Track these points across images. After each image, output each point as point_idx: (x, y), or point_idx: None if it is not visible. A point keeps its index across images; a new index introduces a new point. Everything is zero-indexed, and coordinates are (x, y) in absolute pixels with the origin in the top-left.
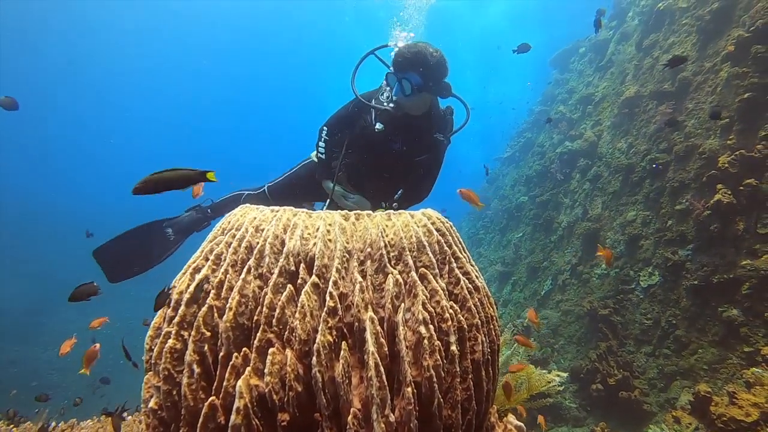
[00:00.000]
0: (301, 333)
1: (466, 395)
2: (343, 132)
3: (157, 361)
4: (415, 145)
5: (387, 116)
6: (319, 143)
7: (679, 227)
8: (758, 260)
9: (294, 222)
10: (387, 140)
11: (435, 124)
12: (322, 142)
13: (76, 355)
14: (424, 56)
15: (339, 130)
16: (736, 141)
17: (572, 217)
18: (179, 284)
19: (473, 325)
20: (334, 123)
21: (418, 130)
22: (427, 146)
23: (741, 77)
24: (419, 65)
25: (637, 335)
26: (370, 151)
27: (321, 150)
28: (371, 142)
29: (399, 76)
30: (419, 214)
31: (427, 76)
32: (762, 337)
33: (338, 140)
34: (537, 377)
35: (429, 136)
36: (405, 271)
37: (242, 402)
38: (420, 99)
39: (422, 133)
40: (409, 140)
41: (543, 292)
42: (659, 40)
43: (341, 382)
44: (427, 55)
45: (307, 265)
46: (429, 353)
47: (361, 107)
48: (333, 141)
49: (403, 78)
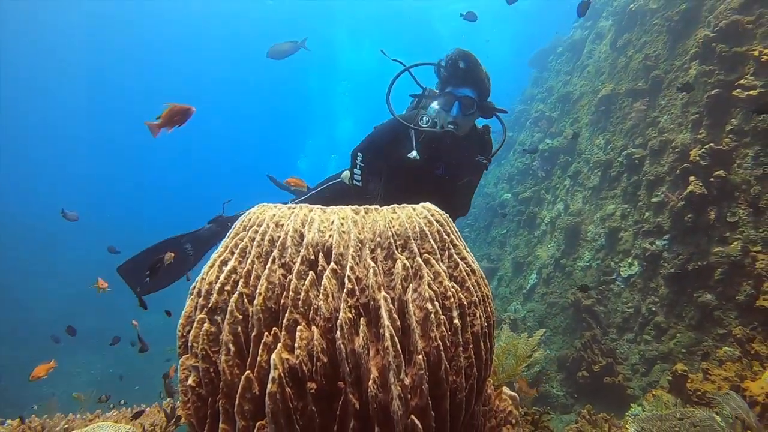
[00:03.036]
0: (325, 312)
1: (468, 363)
2: (379, 157)
3: (194, 344)
4: (457, 169)
5: (432, 139)
6: (354, 170)
7: (656, 219)
8: (728, 247)
9: (311, 217)
10: (430, 165)
11: (476, 145)
12: (358, 169)
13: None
14: (480, 70)
15: (375, 156)
16: (706, 135)
17: (554, 212)
18: (208, 276)
19: (472, 302)
20: (370, 148)
21: (460, 153)
22: (469, 169)
23: (708, 75)
24: (477, 80)
25: (620, 323)
26: (411, 177)
27: (357, 178)
28: (412, 168)
29: (457, 93)
30: (420, 208)
31: (483, 93)
32: (734, 319)
33: (374, 166)
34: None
35: (471, 159)
36: (411, 256)
37: (276, 372)
38: (474, 118)
39: (464, 156)
40: (451, 164)
41: (528, 285)
42: (632, 40)
43: (362, 353)
44: (481, 69)
45: (325, 254)
46: (435, 326)
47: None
48: (369, 167)
49: (462, 96)
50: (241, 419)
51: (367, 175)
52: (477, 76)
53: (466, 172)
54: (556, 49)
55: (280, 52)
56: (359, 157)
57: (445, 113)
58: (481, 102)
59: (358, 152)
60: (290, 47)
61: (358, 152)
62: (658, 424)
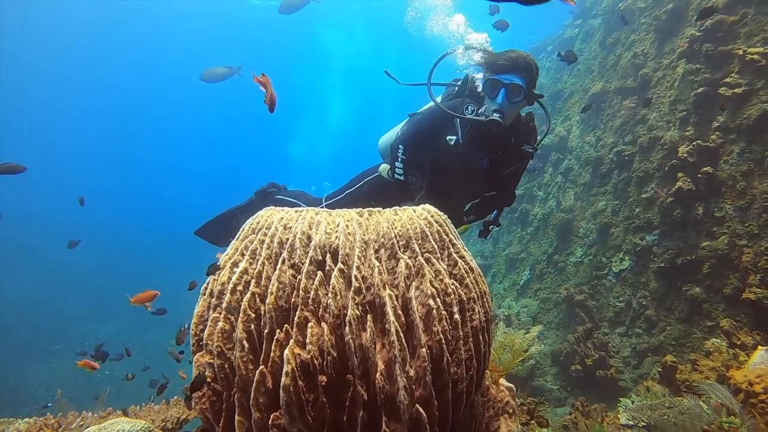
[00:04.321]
0: (334, 309)
1: (468, 355)
2: (421, 149)
3: (208, 342)
4: (502, 159)
5: (477, 128)
6: (395, 164)
7: (646, 214)
8: (716, 241)
9: (318, 220)
10: (474, 156)
11: (521, 133)
12: (399, 162)
13: None
14: (527, 59)
15: (418, 148)
16: (693, 132)
17: (546, 209)
18: (220, 277)
19: (471, 298)
20: (411, 140)
21: (506, 142)
22: (515, 158)
23: (695, 73)
24: (524, 68)
25: (611, 317)
26: (455, 168)
27: (399, 172)
28: (456, 159)
29: (504, 80)
30: (420, 209)
31: (531, 81)
32: (721, 311)
33: (417, 158)
34: (520, 341)
35: (517, 148)
36: (413, 256)
37: (290, 367)
38: (521, 106)
39: (510, 145)
40: (496, 154)
41: (522, 282)
42: (621, 38)
43: (369, 347)
44: (528, 58)
45: (333, 255)
46: (437, 321)
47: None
48: (411, 160)
49: (509, 83)
50: (257, 411)
51: (410, 168)
52: (525, 62)
53: (512, 162)
54: (546, 47)
55: (214, 76)
56: (400, 149)
57: (491, 101)
58: (529, 89)
59: (400, 145)
60: (224, 72)
61: (400, 145)
62: (648, 413)
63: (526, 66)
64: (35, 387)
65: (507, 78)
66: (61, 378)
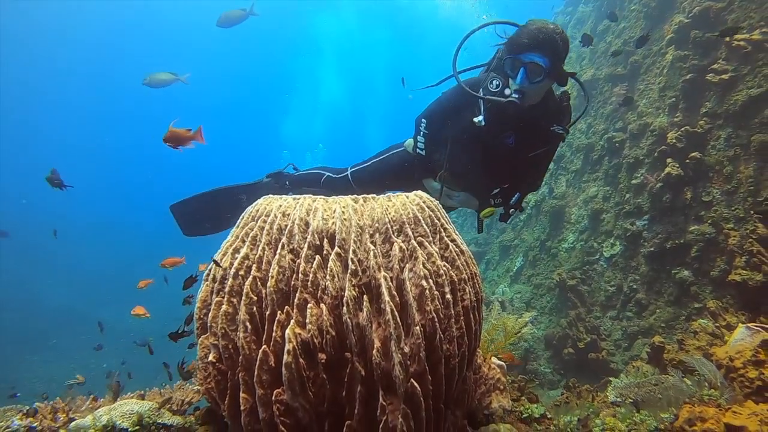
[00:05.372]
0: (332, 291)
1: (460, 333)
2: (445, 125)
3: (212, 324)
4: (529, 139)
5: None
6: (417, 137)
7: (636, 200)
8: (703, 225)
9: (315, 206)
10: (498, 135)
11: (551, 114)
12: (422, 136)
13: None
14: (551, 34)
15: (441, 124)
16: (682, 118)
17: (539, 195)
18: (222, 262)
19: (462, 279)
20: (434, 115)
21: (534, 122)
22: (544, 140)
23: (683, 59)
24: (548, 45)
25: (603, 301)
26: (479, 147)
27: (420, 145)
28: (480, 138)
29: (524, 59)
30: (413, 195)
31: (555, 59)
32: (709, 293)
33: (440, 134)
34: (512, 323)
35: (546, 128)
36: (406, 240)
37: (291, 345)
38: (544, 86)
39: (538, 125)
40: (523, 134)
41: (515, 268)
42: (612, 26)
43: (366, 326)
44: (553, 33)
45: (330, 240)
46: (430, 301)
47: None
48: (434, 135)
49: (529, 62)
50: (260, 388)
51: (432, 143)
52: (548, 38)
53: (541, 143)
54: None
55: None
56: (423, 123)
57: (512, 81)
58: (551, 69)
59: (423, 119)
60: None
61: (423, 119)
62: (635, 390)
63: (548, 42)
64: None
65: (527, 57)
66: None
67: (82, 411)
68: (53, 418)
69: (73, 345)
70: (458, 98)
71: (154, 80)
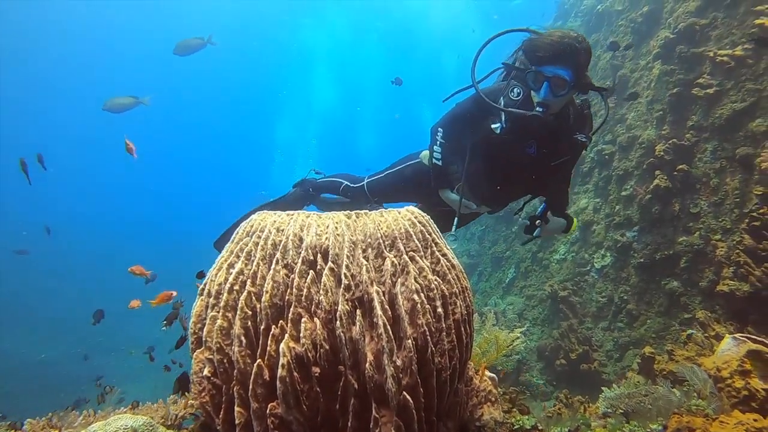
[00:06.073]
0: (325, 305)
1: (451, 346)
2: (462, 135)
3: (208, 338)
4: (551, 148)
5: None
6: (433, 147)
7: (626, 211)
8: (692, 236)
9: (308, 222)
10: (520, 145)
11: (573, 122)
12: (438, 146)
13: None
14: (574, 45)
15: (458, 134)
16: (669, 131)
17: (531, 207)
18: (216, 278)
19: (453, 293)
20: (451, 125)
21: (556, 132)
22: (566, 148)
23: (670, 74)
24: (571, 58)
25: (594, 312)
26: (499, 157)
27: (437, 155)
28: (500, 148)
29: (548, 73)
30: (404, 211)
31: (579, 71)
32: (698, 304)
33: (457, 144)
34: (504, 337)
35: (568, 137)
36: (398, 255)
37: (285, 359)
38: (567, 98)
39: (560, 135)
40: (544, 143)
41: (507, 280)
42: (600, 40)
43: (359, 339)
44: (575, 43)
45: (323, 255)
46: (422, 314)
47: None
48: (451, 145)
49: (553, 75)
50: (255, 401)
51: (449, 153)
52: (571, 50)
53: (563, 152)
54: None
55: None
56: (439, 133)
57: (534, 93)
58: (575, 81)
59: (439, 128)
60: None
61: (439, 128)
62: (626, 401)
63: (572, 54)
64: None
65: (551, 70)
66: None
67: (75, 427)
68: None
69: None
70: (476, 107)
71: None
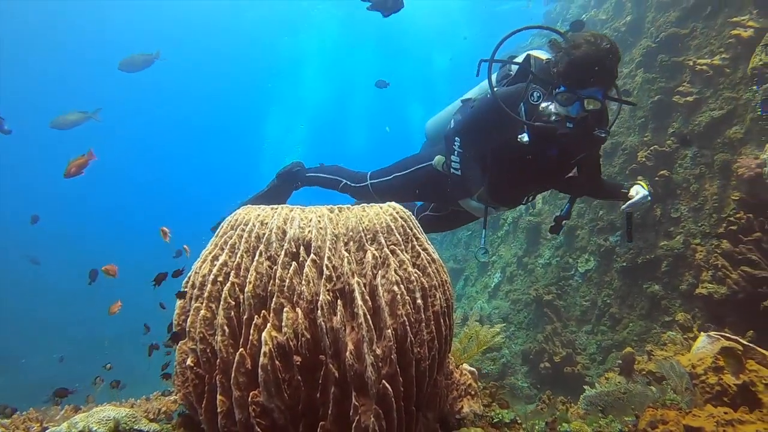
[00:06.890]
0: (307, 296)
1: (430, 337)
2: (481, 143)
3: (191, 329)
4: (573, 147)
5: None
6: (450, 156)
7: (609, 216)
8: (672, 241)
9: (291, 216)
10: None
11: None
12: (456, 155)
13: None
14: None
15: (476, 142)
16: (651, 137)
17: (516, 212)
18: (201, 270)
19: (432, 286)
20: (469, 134)
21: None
22: (587, 144)
23: (651, 82)
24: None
25: (578, 316)
26: (521, 161)
27: (455, 165)
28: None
29: (583, 94)
30: (386, 206)
31: (611, 85)
32: (678, 306)
33: (476, 152)
34: (484, 333)
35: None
36: (379, 248)
37: (267, 348)
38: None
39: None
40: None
41: (493, 284)
42: None
43: (339, 329)
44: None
45: (306, 247)
46: (401, 306)
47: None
48: (469, 154)
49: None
50: (237, 390)
51: (467, 162)
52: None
53: (584, 148)
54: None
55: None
56: (457, 141)
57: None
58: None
59: (456, 137)
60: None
61: (456, 137)
62: (605, 399)
63: (608, 73)
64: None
65: (586, 92)
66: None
67: (57, 420)
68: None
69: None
70: (495, 112)
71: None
